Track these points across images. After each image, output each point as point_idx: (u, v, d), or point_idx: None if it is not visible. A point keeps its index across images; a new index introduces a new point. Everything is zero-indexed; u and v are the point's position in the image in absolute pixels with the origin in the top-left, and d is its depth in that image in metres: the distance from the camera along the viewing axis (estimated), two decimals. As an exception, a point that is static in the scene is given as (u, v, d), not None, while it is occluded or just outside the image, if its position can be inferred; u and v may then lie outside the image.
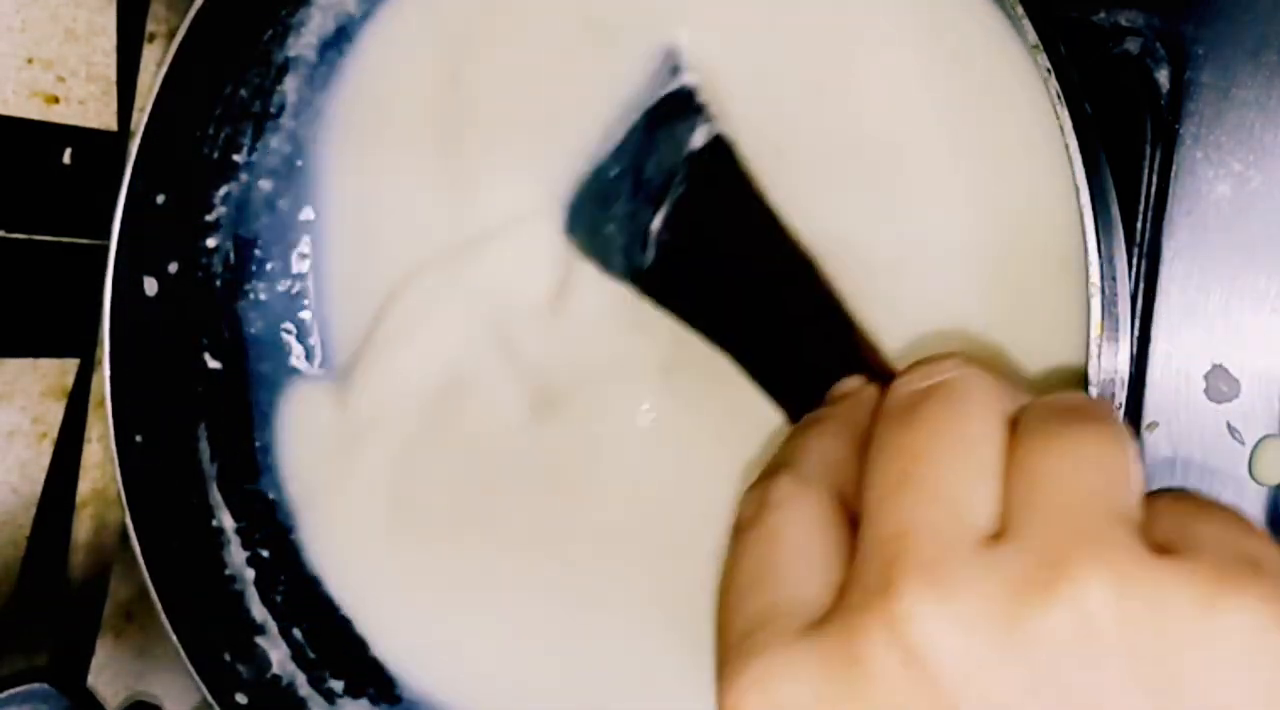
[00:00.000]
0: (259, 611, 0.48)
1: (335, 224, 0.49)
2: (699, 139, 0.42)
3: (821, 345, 0.40)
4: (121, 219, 0.45)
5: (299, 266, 0.50)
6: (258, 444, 0.49)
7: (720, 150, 0.42)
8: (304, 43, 0.48)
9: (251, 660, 0.46)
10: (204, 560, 0.47)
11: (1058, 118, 0.34)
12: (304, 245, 0.50)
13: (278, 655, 0.47)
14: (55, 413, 0.51)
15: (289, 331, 0.50)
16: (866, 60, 0.40)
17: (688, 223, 0.43)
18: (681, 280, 0.43)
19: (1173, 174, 0.41)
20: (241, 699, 0.45)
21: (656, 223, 0.43)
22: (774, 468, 0.33)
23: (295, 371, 0.50)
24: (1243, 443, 0.40)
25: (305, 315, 0.50)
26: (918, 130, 0.40)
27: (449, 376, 0.46)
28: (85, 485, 0.52)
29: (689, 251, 0.43)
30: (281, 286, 0.50)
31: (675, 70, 0.43)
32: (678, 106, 0.43)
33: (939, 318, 0.39)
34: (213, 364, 0.49)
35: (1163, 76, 0.41)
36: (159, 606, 0.44)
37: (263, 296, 0.49)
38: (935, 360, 0.31)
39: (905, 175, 0.39)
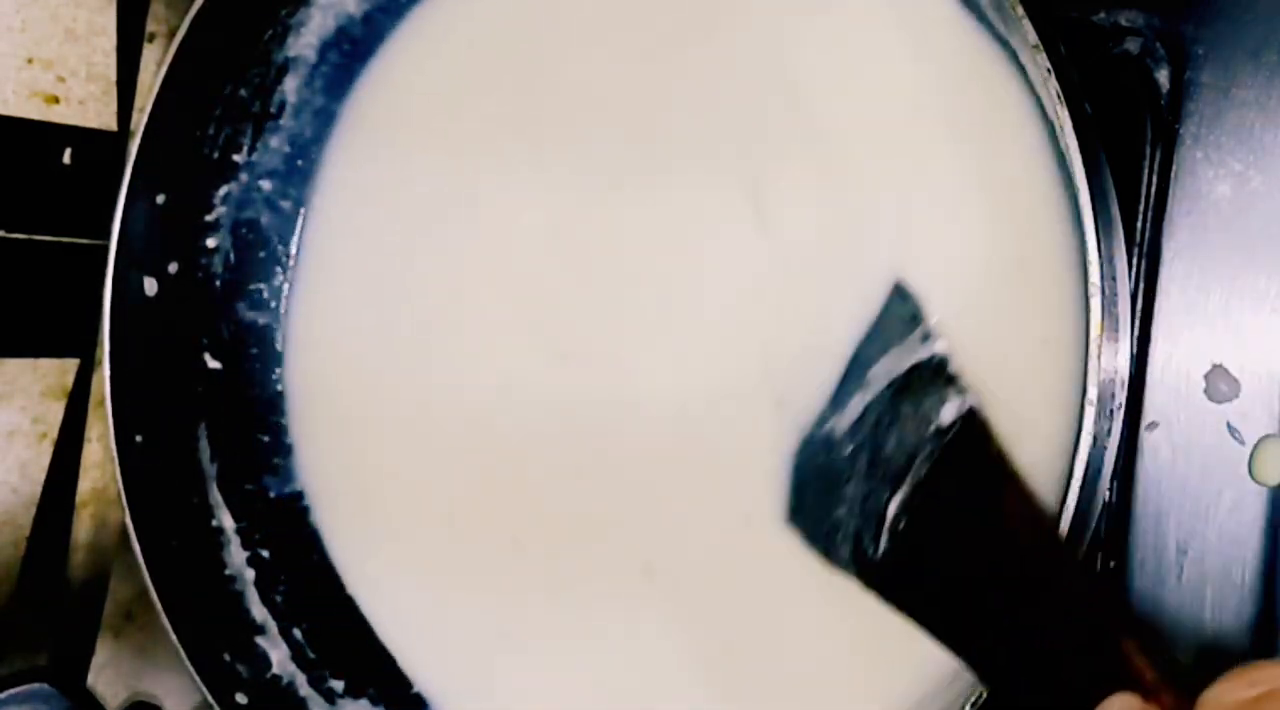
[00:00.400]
0: (259, 611, 0.48)
1: (336, 224, 0.49)
2: (949, 414, 0.37)
3: (1079, 660, 0.33)
4: (121, 219, 0.45)
5: (299, 266, 0.50)
6: (272, 436, 0.49)
7: (973, 424, 0.37)
8: (304, 43, 0.48)
9: (251, 660, 0.46)
10: (204, 560, 0.47)
11: (1057, 118, 0.34)
12: (304, 245, 0.50)
13: (278, 655, 0.47)
14: (55, 413, 0.51)
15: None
16: None
17: (931, 509, 0.37)
18: (918, 574, 0.37)
19: (1173, 174, 0.41)
20: (241, 699, 0.45)
21: (893, 507, 0.37)
22: None
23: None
24: (1243, 443, 0.40)
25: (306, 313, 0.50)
26: (922, 132, 0.40)
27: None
28: (85, 485, 0.52)
29: (929, 542, 0.37)
30: (282, 286, 0.50)
31: (926, 337, 0.38)
32: (927, 377, 0.38)
33: (940, 319, 0.39)
34: (213, 364, 0.49)
35: (1163, 76, 0.41)
36: (159, 606, 0.44)
37: (263, 296, 0.49)
38: (1257, 668, 0.29)
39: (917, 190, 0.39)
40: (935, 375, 0.38)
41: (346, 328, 0.49)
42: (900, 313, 0.39)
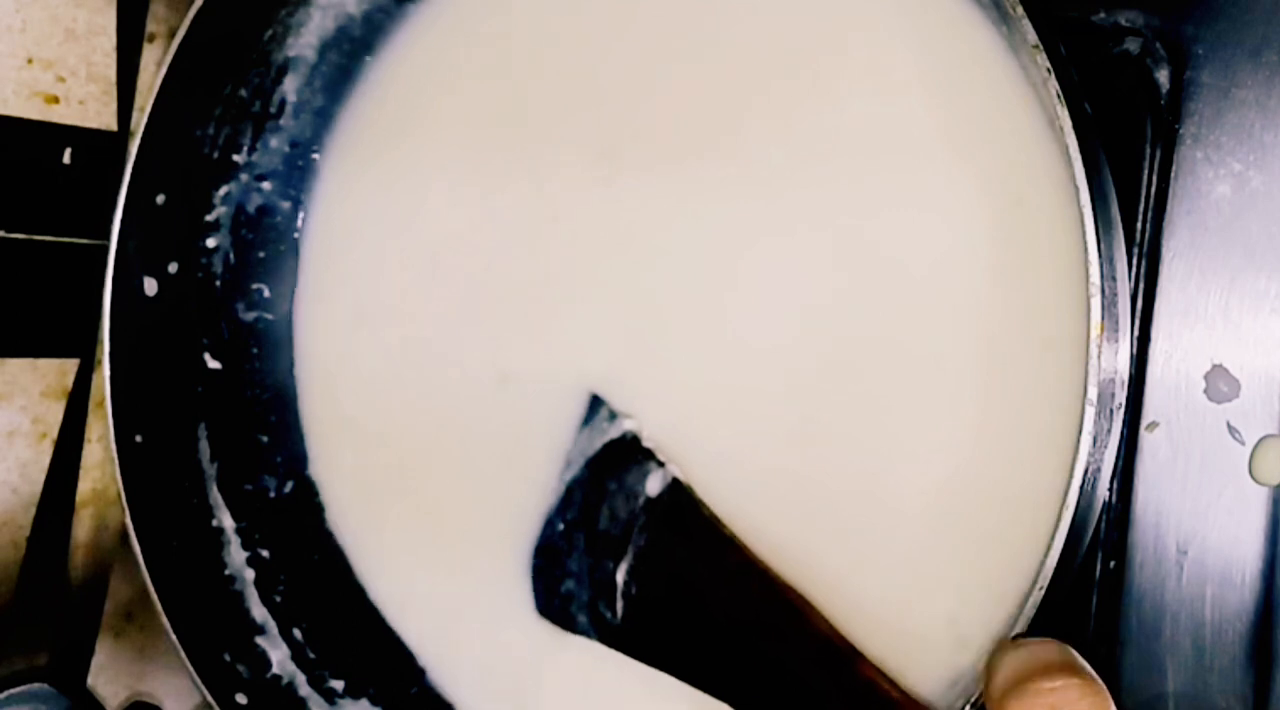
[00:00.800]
0: (259, 611, 0.48)
1: (336, 223, 0.49)
2: (654, 486, 0.41)
3: (824, 683, 0.37)
4: (121, 219, 0.45)
5: (299, 265, 0.50)
6: (272, 436, 0.49)
7: (680, 495, 0.40)
8: (304, 43, 0.48)
9: (251, 660, 0.46)
10: (204, 560, 0.47)
11: (1058, 118, 0.34)
12: (306, 245, 0.50)
13: (278, 655, 0.47)
14: (55, 413, 0.51)
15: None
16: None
17: (656, 573, 0.40)
18: (659, 633, 0.41)
19: (1173, 174, 0.41)
20: (241, 699, 0.45)
21: (621, 576, 0.41)
22: None
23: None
24: (1243, 443, 0.40)
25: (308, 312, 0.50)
26: (915, 135, 0.40)
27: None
28: (85, 485, 0.52)
29: (662, 603, 0.40)
30: (282, 285, 0.50)
31: (613, 417, 0.42)
32: (623, 454, 0.41)
33: (940, 319, 0.39)
34: (213, 364, 0.49)
35: (1163, 76, 0.41)
36: (159, 606, 0.44)
37: (263, 296, 0.49)
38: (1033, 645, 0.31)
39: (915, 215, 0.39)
40: (631, 451, 0.41)
41: (351, 327, 0.49)
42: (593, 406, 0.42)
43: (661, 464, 0.41)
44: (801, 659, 0.38)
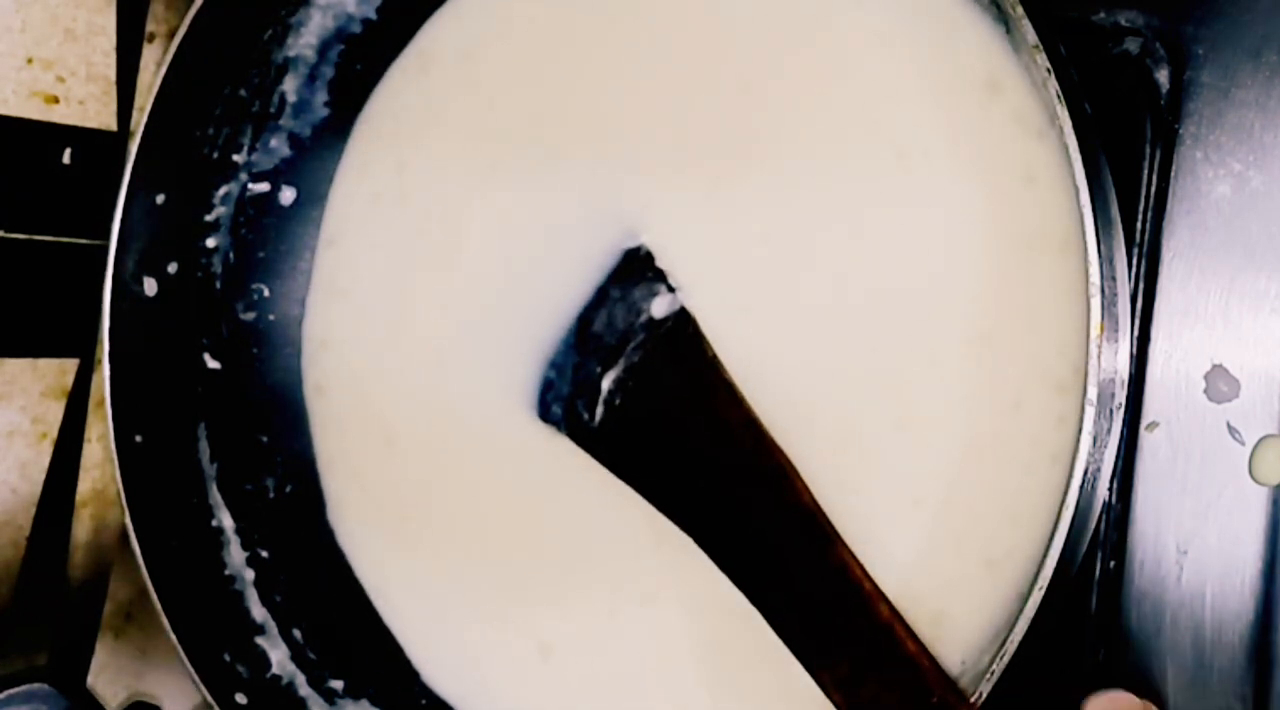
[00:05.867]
0: (259, 611, 0.48)
1: (336, 223, 0.49)
2: (660, 308, 0.40)
3: (796, 547, 0.37)
4: (121, 219, 0.45)
5: (299, 265, 0.50)
6: (272, 436, 0.49)
7: (685, 325, 0.40)
8: (304, 42, 0.48)
9: (251, 660, 0.46)
10: (204, 560, 0.47)
11: (1058, 118, 0.34)
12: (306, 245, 0.50)
13: (278, 655, 0.47)
14: (55, 413, 0.51)
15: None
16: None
17: (644, 392, 0.40)
18: (634, 448, 0.40)
19: (1173, 174, 0.41)
20: (241, 699, 0.45)
21: (607, 383, 0.40)
22: None
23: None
24: (1243, 443, 0.40)
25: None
26: (917, 134, 0.40)
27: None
28: (85, 485, 0.52)
29: (644, 423, 0.40)
30: (282, 285, 0.50)
31: (633, 232, 0.41)
32: (635, 268, 0.41)
33: (940, 319, 0.39)
34: (213, 364, 0.49)
35: (1163, 76, 0.41)
36: (159, 606, 0.44)
37: (263, 296, 0.49)
38: (1114, 698, 0.31)
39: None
40: (642, 266, 0.40)
41: (354, 326, 0.49)
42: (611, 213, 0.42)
43: (672, 290, 0.40)
44: (775, 522, 0.38)
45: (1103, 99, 0.39)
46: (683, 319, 0.40)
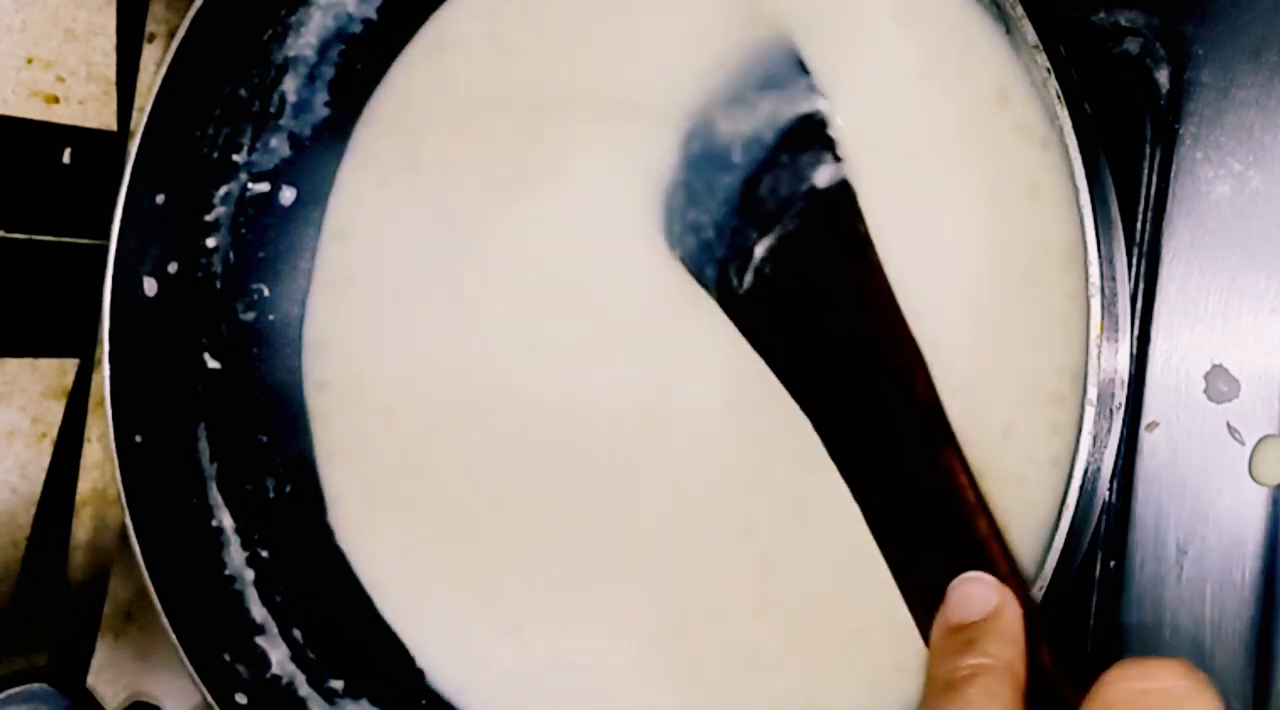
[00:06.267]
0: (259, 611, 0.48)
1: (336, 223, 0.49)
2: (823, 177, 0.39)
3: (909, 442, 0.37)
4: (121, 219, 0.45)
5: (299, 265, 0.50)
6: (272, 436, 0.49)
7: (846, 196, 0.39)
8: (304, 42, 0.48)
9: (251, 660, 0.46)
10: (204, 560, 0.47)
11: (1057, 118, 0.34)
12: (305, 245, 0.50)
13: (278, 655, 0.47)
14: (55, 413, 0.51)
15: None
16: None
17: (795, 261, 0.39)
18: (776, 319, 0.40)
19: (1173, 174, 0.41)
20: (241, 699, 0.45)
21: (760, 250, 0.40)
22: None
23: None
24: (1243, 443, 0.40)
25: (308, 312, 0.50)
26: (915, 135, 0.40)
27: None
28: (85, 485, 0.52)
29: (789, 295, 0.39)
30: (282, 285, 0.50)
31: (811, 90, 0.40)
32: (808, 132, 0.40)
33: (940, 319, 0.39)
34: (213, 364, 0.49)
35: (1163, 76, 0.41)
36: (159, 606, 0.44)
37: (263, 296, 0.49)
38: (1159, 663, 0.29)
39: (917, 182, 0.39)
40: (815, 132, 0.39)
41: (355, 326, 0.49)
42: (790, 60, 0.40)
43: (839, 159, 0.39)
44: (897, 411, 0.37)
45: (1103, 99, 0.39)
46: (844, 190, 0.39)
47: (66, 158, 0.51)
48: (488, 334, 0.46)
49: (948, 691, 0.30)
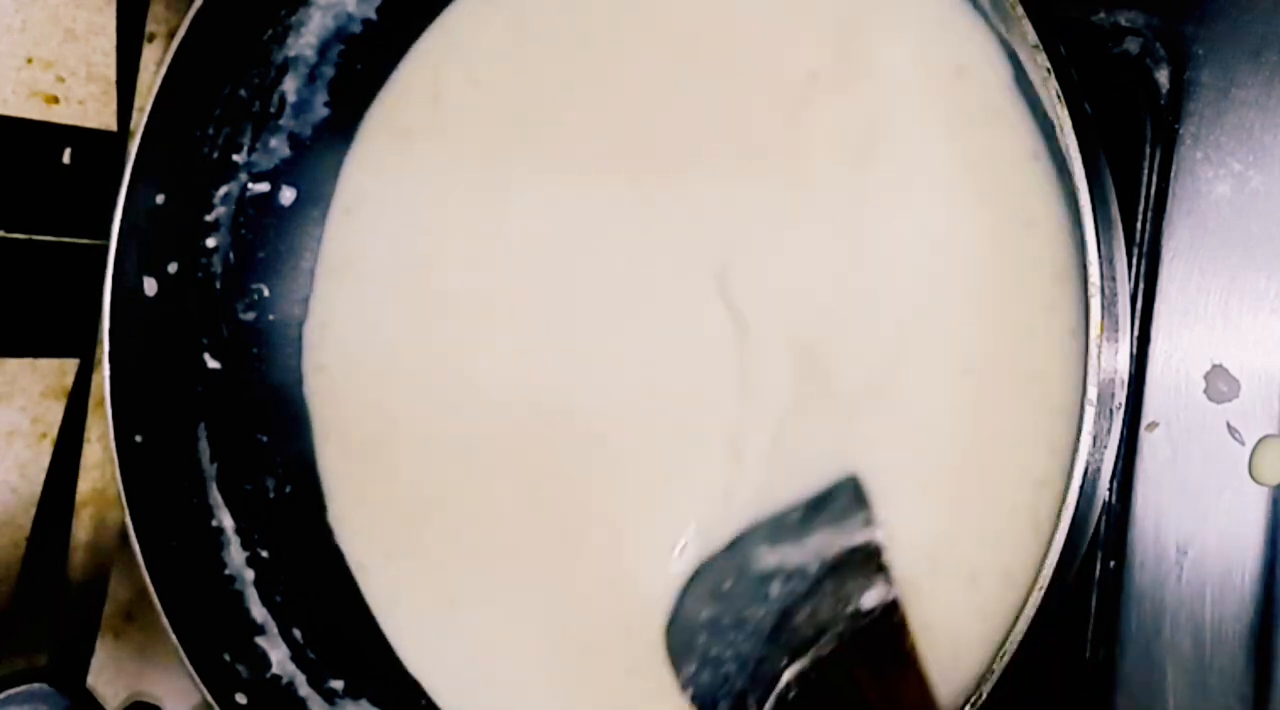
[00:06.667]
0: (259, 611, 0.48)
1: (336, 223, 0.49)
2: (871, 600, 0.38)
3: None
4: (121, 219, 0.45)
5: (299, 265, 0.50)
6: (272, 436, 0.49)
7: (893, 615, 0.37)
8: (304, 42, 0.48)
9: (251, 660, 0.46)
10: (204, 560, 0.47)
11: (1057, 118, 0.34)
12: (305, 244, 0.50)
13: (278, 655, 0.47)
14: (55, 413, 0.51)
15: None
16: None
17: (826, 684, 0.38)
18: None
19: (1173, 174, 0.41)
20: (241, 699, 0.45)
21: (788, 675, 0.38)
22: None
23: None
24: (1243, 443, 0.40)
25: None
26: (915, 135, 0.40)
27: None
28: (85, 485, 0.52)
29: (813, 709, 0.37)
30: (282, 285, 0.50)
31: (868, 523, 0.39)
32: (858, 561, 0.38)
33: (940, 317, 0.39)
34: (213, 364, 0.49)
35: (1163, 76, 0.41)
36: (159, 606, 0.44)
37: (263, 296, 0.49)
38: None
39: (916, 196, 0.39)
40: (867, 561, 0.38)
41: (354, 326, 0.49)
42: (846, 493, 0.39)
43: (890, 581, 0.38)
44: None
45: (1103, 99, 0.39)
46: (891, 609, 0.38)
47: (66, 158, 0.51)
48: (469, 339, 0.47)
49: None
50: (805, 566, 0.39)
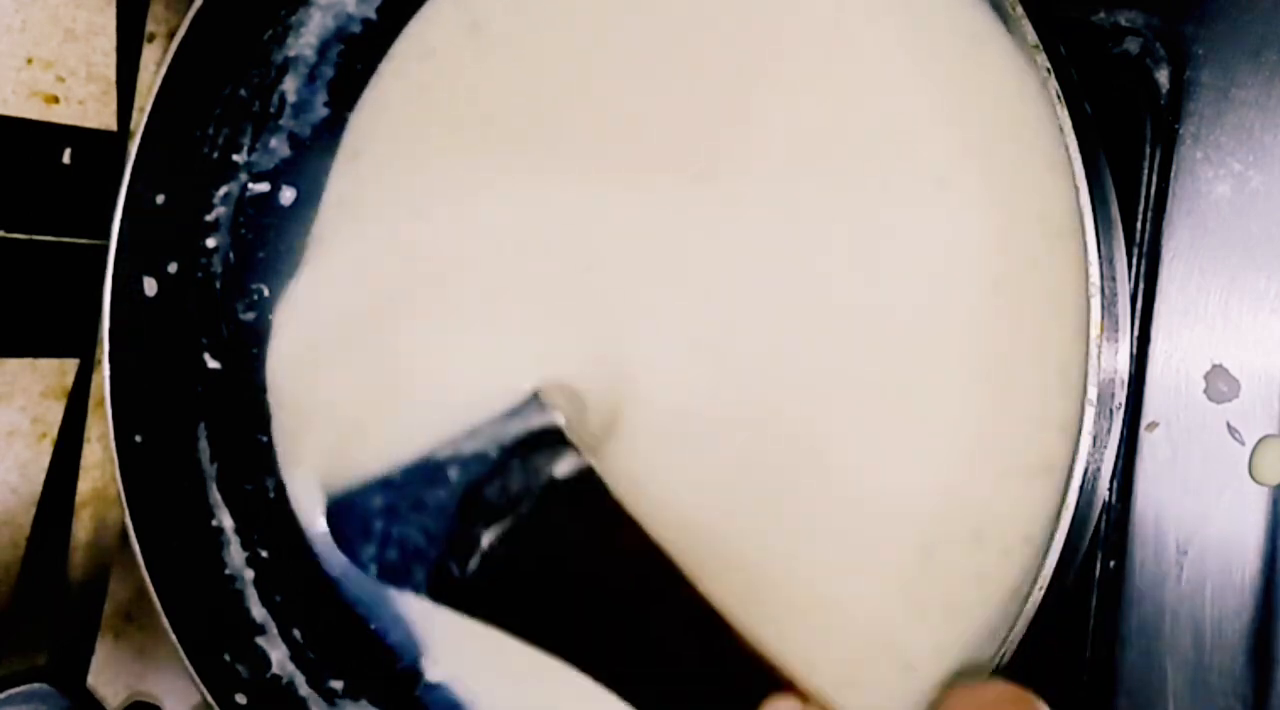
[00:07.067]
0: (259, 611, 0.48)
1: (335, 224, 0.49)
2: (563, 469, 0.40)
3: (696, 656, 0.37)
4: (121, 219, 0.45)
5: (299, 265, 0.50)
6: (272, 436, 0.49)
7: (589, 479, 0.40)
8: (304, 42, 0.48)
9: (251, 660, 0.46)
10: (204, 560, 0.47)
11: (1058, 118, 0.34)
12: (306, 245, 0.50)
13: (278, 655, 0.47)
14: (55, 413, 0.51)
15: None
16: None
17: (530, 539, 0.40)
18: (511, 592, 0.40)
19: (1173, 174, 0.41)
20: (241, 699, 0.45)
21: (487, 538, 0.40)
22: None
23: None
24: (1243, 443, 0.40)
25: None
26: (915, 136, 0.40)
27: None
28: (85, 485, 0.52)
29: (526, 566, 0.40)
30: (282, 285, 0.50)
31: (542, 407, 0.41)
32: (541, 440, 0.41)
33: (940, 317, 0.39)
34: (213, 364, 0.49)
35: (1163, 76, 0.41)
36: (159, 606, 0.44)
37: (263, 296, 0.49)
38: (984, 687, 0.31)
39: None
40: (550, 439, 0.40)
41: (352, 325, 0.49)
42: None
43: (578, 451, 0.40)
44: (675, 628, 0.37)
45: (1103, 99, 0.39)
46: (585, 475, 0.40)
47: (66, 158, 0.51)
48: (467, 341, 0.47)
49: None
50: (483, 452, 0.41)
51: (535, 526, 0.40)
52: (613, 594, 0.39)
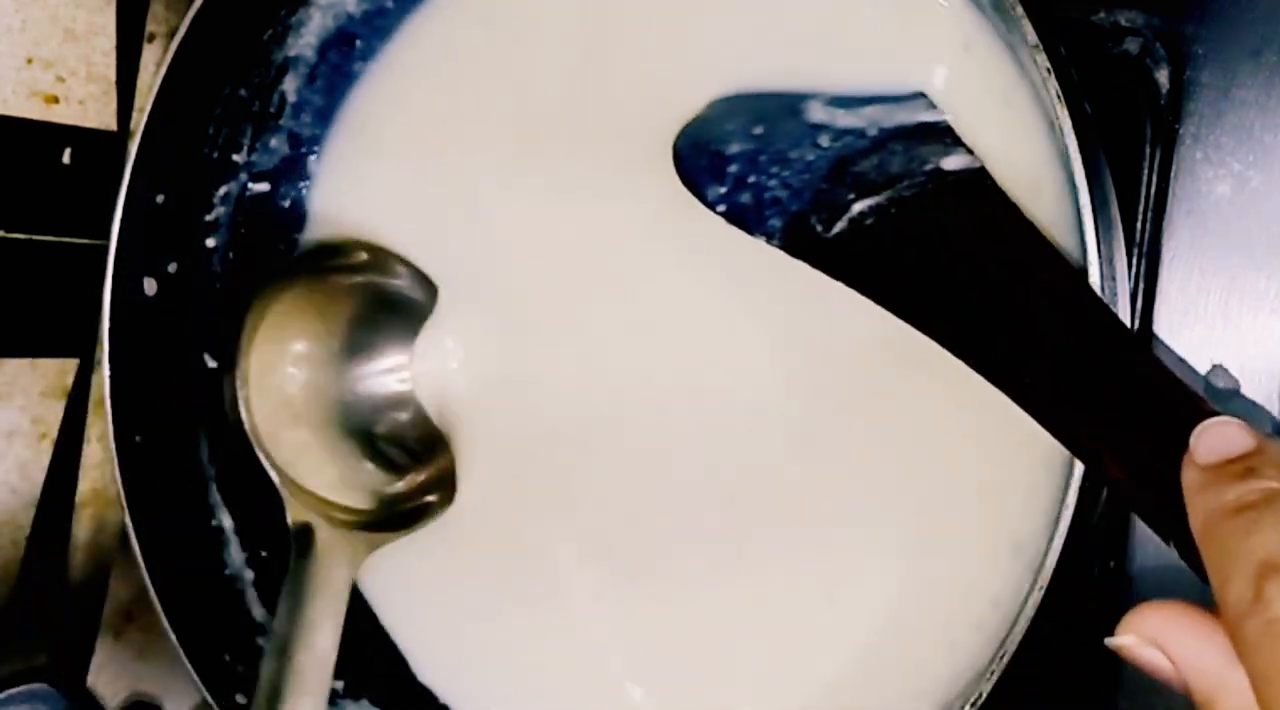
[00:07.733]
0: (259, 611, 0.48)
1: (335, 224, 0.49)
2: (954, 163, 0.38)
3: (1099, 367, 0.34)
4: (121, 219, 0.45)
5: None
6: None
7: (983, 179, 0.38)
8: (304, 43, 0.48)
9: (251, 660, 0.46)
10: (204, 560, 0.47)
11: (1057, 118, 0.34)
12: (305, 245, 0.50)
13: (278, 655, 0.47)
14: (55, 413, 0.51)
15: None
16: None
17: (911, 217, 0.38)
18: (875, 261, 0.38)
19: (1173, 174, 0.41)
20: (241, 699, 0.45)
21: (859, 206, 0.38)
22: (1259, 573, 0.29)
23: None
24: (1243, 443, 0.40)
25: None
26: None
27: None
28: (85, 485, 0.52)
29: (897, 239, 0.38)
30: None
31: (930, 107, 0.39)
32: (927, 133, 0.39)
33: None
34: (212, 364, 0.49)
35: (1163, 76, 0.41)
36: (159, 606, 0.44)
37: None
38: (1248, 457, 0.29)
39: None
40: (938, 133, 0.38)
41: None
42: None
43: (971, 153, 0.38)
44: (1077, 337, 0.35)
45: (1103, 99, 0.39)
46: (978, 173, 0.38)
47: (66, 158, 0.51)
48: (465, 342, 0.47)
49: (1236, 516, 0.29)
50: (861, 129, 0.39)
51: (915, 206, 0.38)
52: (1000, 286, 0.36)
